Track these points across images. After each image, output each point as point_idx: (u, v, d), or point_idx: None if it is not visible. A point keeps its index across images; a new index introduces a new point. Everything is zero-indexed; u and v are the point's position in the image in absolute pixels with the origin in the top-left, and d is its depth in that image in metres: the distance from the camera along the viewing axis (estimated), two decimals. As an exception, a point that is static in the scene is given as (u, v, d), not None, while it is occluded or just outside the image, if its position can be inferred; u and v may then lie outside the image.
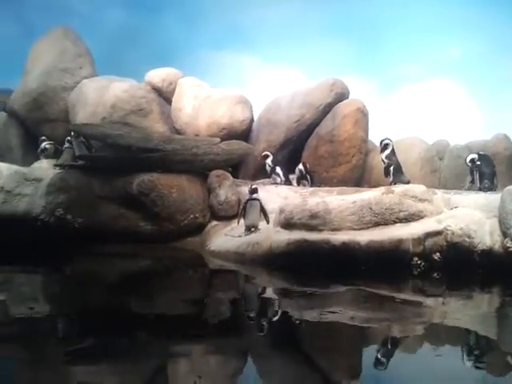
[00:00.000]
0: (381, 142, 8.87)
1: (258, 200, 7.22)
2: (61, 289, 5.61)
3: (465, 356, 3.43)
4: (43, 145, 10.17)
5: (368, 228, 6.42)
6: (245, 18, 15.42)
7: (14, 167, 9.12)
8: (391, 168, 8.55)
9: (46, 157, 9.87)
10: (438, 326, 4.22)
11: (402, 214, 6.44)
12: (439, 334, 4.01)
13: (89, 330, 3.94)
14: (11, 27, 16.91)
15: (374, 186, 7.76)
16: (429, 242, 6.02)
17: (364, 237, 6.15)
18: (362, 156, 10.03)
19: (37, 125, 11.37)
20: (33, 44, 12.18)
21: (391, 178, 8.46)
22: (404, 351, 3.64)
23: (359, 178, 10.02)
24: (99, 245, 7.44)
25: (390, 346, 3.67)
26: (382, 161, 8.75)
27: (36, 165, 9.30)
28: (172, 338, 3.72)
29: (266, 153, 9.74)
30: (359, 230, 6.39)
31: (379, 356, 3.38)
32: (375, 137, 10.38)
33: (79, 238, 7.59)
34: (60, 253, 7.22)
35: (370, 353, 3.55)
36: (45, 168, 8.88)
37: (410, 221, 6.40)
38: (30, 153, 11.13)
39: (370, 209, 6.50)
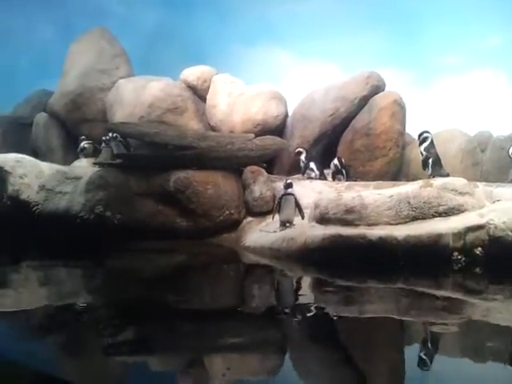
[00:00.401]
0: (419, 135, 8.65)
1: (293, 195, 7.18)
2: (101, 283, 5.77)
3: (507, 355, 3.30)
4: (82, 144, 10.46)
5: (405, 223, 6.27)
6: (277, 13, 15.30)
7: (55, 166, 9.45)
8: (430, 161, 8.31)
9: (86, 156, 10.16)
10: (479, 323, 4.08)
11: (441, 208, 6.25)
12: (481, 332, 3.88)
13: (128, 323, 4.04)
14: (49, 30, 17.38)
15: (412, 180, 7.58)
16: (470, 237, 5.82)
17: (401, 231, 6.01)
18: (399, 149, 9.81)
19: (76, 125, 11.70)
20: (70, 46, 12.52)
21: (430, 171, 8.22)
22: (444, 349, 3.54)
23: (396, 172, 9.81)
24: (137, 241, 7.59)
25: (430, 344, 3.57)
26: (421, 153, 8.51)
27: (76, 163, 9.59)
28: (208, 331, 3.75)
29: (300, 149, 9.68)
30: (396, 224, 6.26)
31: (420, 354, 3.30)
32: (413, 130, 10.14)
33: (118, 235, 7.77)
34: (99, 249, 7.42)
35: (409, 350, 3.47)
36: (84, 166, 9.14)
37: (449, 215, 6.21)
38: (71, 152, 11.47)
39: (408, 203, 6.35)
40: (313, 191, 8.09)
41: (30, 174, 9.12)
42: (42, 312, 4.39)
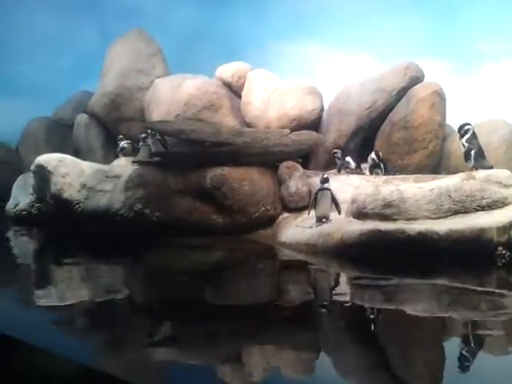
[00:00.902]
0: (460, 128, 8.35)
1: (329, 190, 7.09)
2: (140, 279, 5.88)
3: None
4: (122, 144, 10.69)
5: (447, 217, 6.09)
6: (310, 5, 15.12)
7: (96, 165, 9.71)
8: (472, 152, 8.01)
9: (125, 155, 10.37)
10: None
11: (484, 202, 6.04)
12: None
13: (166, 318, 4.11)
14: (89, 34, 17.92)
15: (453, 173, 7.34)
16: (515, 231, 5.59)
17: (442, 226, 5.83)
18: (439, 141, 9.52)
19: (115, 125, 11.97)
20: (109, 48, 12.82)
21: (472, 163, 7.93)
22: (487, 347, 3.41)
23: (436, 165, 9.53)
24: (175, 237, 7.70)
25: (472, 342, 3.45)
26: (462, 145, 8.22)
27: (115, 162, 9.79)
28: (246, 326, 3.76)
29: (335, 150, 9.54)
30: (437, 219, 6.09)
31: (462, 352, 3.19)
32: (454, 121, 9.81)
33: (156, 231, 7.91)
34: (139, 245, 7.57)
35: (450, 349, 3.36)
36: (123, 165, 9.32)
37: (493, 208, 6.00)
38: (110, 151, 11.76)
39: (449, 196, 6.16)
40: (350, 186, 7.97)
41: (72, 173, 9.41)
42: (83, 307, 4.52)
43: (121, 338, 3.65)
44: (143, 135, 9.82)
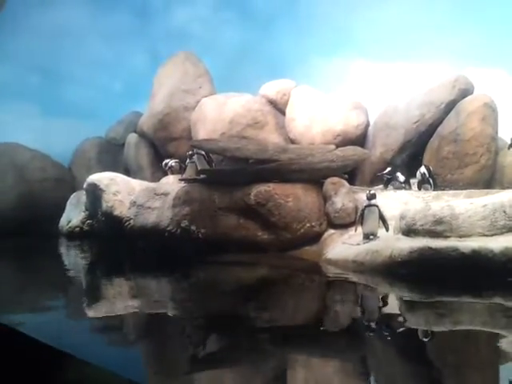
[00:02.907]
0: (512, 140, 8.07)
1: (377, 206, 6.95)
2: (187, 295, 5.94)
3: None
4: (170, 163, 10.99)
5: (502, 234, 5.82)
6: (354, 21, 15.07)
7: (145, 183, 9.98)
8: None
9: (172, 173, 10.62)
10: None
11: (542, 218, 5.73)
12: None
13: (211, 335, 4.12)
14: (139, 57, 18.65)
15: (508, 188, 7.04)
16: None
17: (498, 243, 5.58)
18: (492, 155, 9.18)
19: (163, 144, 12.31)
20: (158, 69, 13.25)
21: (528, 178, 7.60)
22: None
23: (489, 180, 9.18)
24: (220, 254, 7.76)
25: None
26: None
27: (163, 180, 10.05)
28: (290, 346, 3.71)
29: (384, 172, 9.36)
30: (491, 236, 5.82)
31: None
32: (507, 133, 9.44)
33: (202, 248, 8.00)
34: (186, 261, 7.67)
35: (504, 375, 3.18)
36: (171, 183, 9.54)
37: (552, 225, 5.68)
38: (159, 170, 12.06)
39: (504, 212, 5.90)
40: (397, 202, 7.79)
41: (123, 191, 9.73)
42: (130, 320, 4.61)
43: (160, 354, 3.68)
44: (189, 153, 10.03)
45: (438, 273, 5.42)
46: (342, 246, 7.18)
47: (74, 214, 11.39)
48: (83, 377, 3.08)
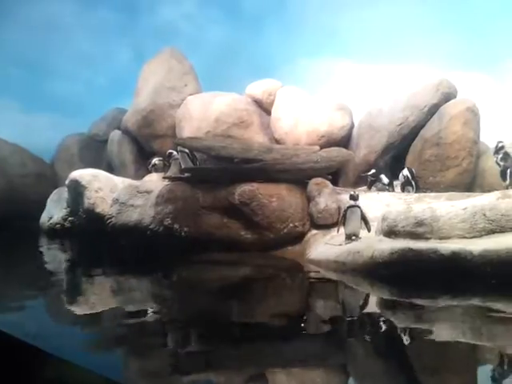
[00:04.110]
0: (496, 145, 8.22)
1: (359, 207, 7.00)
2: (168, 293, 5.91)
3: None
4: (153, 160, 10.91)
5: (481, 236, 5.90)
6: (341, 23, 15.16)
7: (128, 180, 9.89)
8: (508, 171, 7.84)
9: (156, 171, 10.55)
10: None
11: (521, 221, 5.83)
12: None
13: (191, 334, 4.10)
14: (124, 52, 18.52)
15: (488, 191, 7.15)
16: (554, 252, 5.36)
17: (477, 246, 5.64)
18: (473, 159, 9.32)
19: (147, 141, 12.22)
20: (143, 66, 13.15)
21: (508, 182, 7.74)
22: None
23: (470, 183, 9.31)
24: (203, 253, 7.73)
25: (505, 368, 3.30)
26: (497, 164, 8.05)
27: (147, 178, 9.97)
28: (272, 346, 3.71)
29: (368, 174, 9.42)
30: (471, 238, 5.90)
31: (493, 380, 3.06)
32: (488, 138, 9.59)
33: (185, 246, 7.96)
34: (168, 260, 7.63)
35: (481, 377, 3.23)
36: (154, 181, 9.47)
37: (530, 228, 5.77)
38: (143, 167, 11.98)
39: (484, 215, 5.98)
40: (380, 203, 7.85)
41: (105, 188, 9.63)
42: (110, 319, 4.58)
43: (143, 351, 3.65)
44: (169, 151, 9.99)
45: (418, 274, 5.47)
46: (325, 247, 7.21)
47: (55, 211, 11.23)
48: (61, 375, 3.05)
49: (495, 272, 5.34)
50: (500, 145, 8.13)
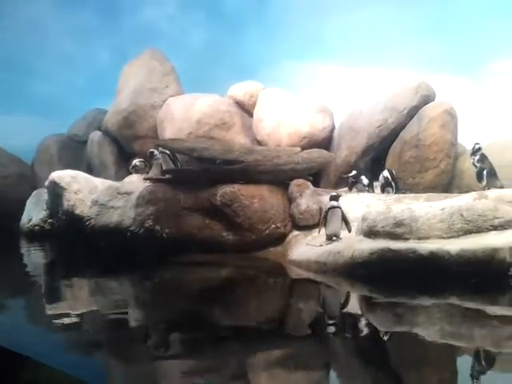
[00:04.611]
0: (473, 147, 8.39)
1: (340, 208, 7.05)
2: (149, 296, 5.88)
3: None
4: (134, 161, 10.83)
5: (459, 236, 6.00)
6: (325, 26, 15.32)
7: (108, 182, 9.79)
8: (484, 172, 7.99)
9: (137, 172, 10.47)
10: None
11: (496, 221, 5.95)
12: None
13: (176, 337, 4.08)
14: (104, 53, 18.38)
15: (465, 192, 7.27)
16: (529, 251, 5.49)
17: (454, 246, 5.75)
18: (451, 160, 9.47)
19: (128, 142, 12.12)
20: (124, 67, 13.05)
21: (485, 183, 7.90)
22: (499, 372, 3.33)
23: (448, 184, 9.46)
24: (185, 254, 7.71)
25: (482, 367, 3.37)
26: (474, 165, 8.20)
27: (127, 179, 9.88)
28: (252, 347, 3.72)
29: (349, 175, 9.50)
30: (449, 238, 6.00)
31: (471, 377, 3.12)
32: (466, 140, 9.79)
33: (166, 248, 7.92)
34: (149, 261, 7.58)
35: (459, 373, 3.29)
36: (135, 182, 9.40)
37: (506, 228, 5.89)
38: (123, 168, 11.87)
39: (461, 216, 6.08)
40: (360, 204, 7.92)
41: (84, 189, 9.52)
42: (88, 322, 4.53)
43: (123, 354, 3.63)
44: (150, 151, 9.92)
45: (397, 274, 5.54)
46: (306, 247, 7.25)
47: (34, 213, 11.08)
48: (37, 378, 3.01)
49: (472, 271, 5.44)
50: (477, 146, 8.30)
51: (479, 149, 8.24)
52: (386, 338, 4.05)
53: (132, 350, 3.75)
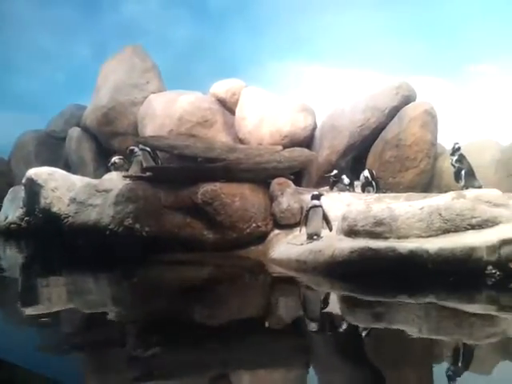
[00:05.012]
0: (452, 147, 8.50)
1: (321, 207, 7.06)
2: (128, 295, 5.79)
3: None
4: (113, 159, 10.66)
5: (437, 235, 6.06)
6: (307, 25, 15.39)
7: (86, 179, 9.64)
8: (462, 172, 8.10)
9: (116, 169, 10.32)
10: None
11: (474, 221, 6.03)
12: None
13: (154, 337, 4.02)
14: (84, 49, 18.16)
15: (445, 192, 7.35)
16: (505, 250, 5.56)
17: (433, 244, 5.80)
18: (431, 160, 9.57)
19: (107, 138, 11.96)
20: (104, 63, 12.86)
21: (463, 183, 8.00)
22: (476, 368, 3.36)
23: (428, 184, 9.57)
24: (165, 253, 7.62)
25: (460, 363, 3.40)
26: (452, 165, 8.31)
27: (106, 177, 9.73)
28: (233, 346, 3.69)
29: (331, 174, 9.52)
30: (427, 237, 6.05)
31: (449, 374, 3.14)
32: (446, 140, 9.90)
33: (146, 247, 7.82)
34: (128, 260, 7.48)
35: (438, 370, 3.31)
36: (114, 179, 9.25)
37: (483, 227, 5.97)
38: (102, 165, 11.70)
39: (440, 215, 6.14)
40: (341, 203, 7.95)
41: (62, 187, 9.35)
42: (65, 322, 4.44)
43: (99, 356, 3.56)
44: (131, 148, 9.78)
45: (377, 272, 5.57)
46: (287, 246, 7.25)
47: (10, 210, 10.85)
48: (12, 379, 2.94)
49: (450, 270, 5.49)
50: (456, 146, 8.40)
51: (458, 149, 8.34)
52: (364, 334, 4.07)
53: (109, 350, 3.69)
